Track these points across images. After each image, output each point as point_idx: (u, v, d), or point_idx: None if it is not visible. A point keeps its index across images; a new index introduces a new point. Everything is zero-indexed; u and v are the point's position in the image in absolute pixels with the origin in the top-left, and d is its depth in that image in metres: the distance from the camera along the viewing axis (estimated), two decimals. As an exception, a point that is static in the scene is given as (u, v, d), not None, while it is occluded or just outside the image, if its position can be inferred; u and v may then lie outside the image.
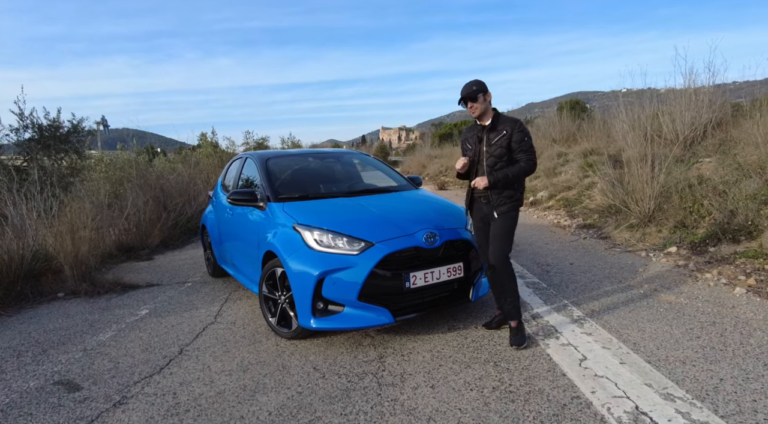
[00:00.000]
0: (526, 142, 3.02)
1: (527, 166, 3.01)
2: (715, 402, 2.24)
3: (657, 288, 4.12)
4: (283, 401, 2.52)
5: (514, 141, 3.00)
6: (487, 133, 3.08)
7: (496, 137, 3.03)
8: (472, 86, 3.05)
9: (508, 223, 3.07)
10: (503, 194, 3.05)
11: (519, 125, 3.04)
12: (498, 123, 3.07)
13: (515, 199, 3.08)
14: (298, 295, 3.09)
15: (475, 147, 3.15)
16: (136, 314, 4.22)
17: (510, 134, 3.01)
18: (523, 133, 3.02)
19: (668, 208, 6.18)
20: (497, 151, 3.03)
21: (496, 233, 3.06)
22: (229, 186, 4.96)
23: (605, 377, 2.55)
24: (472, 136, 3.20)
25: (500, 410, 2.29)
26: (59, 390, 2.81)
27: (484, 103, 3.06)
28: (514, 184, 3.06)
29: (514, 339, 3.03)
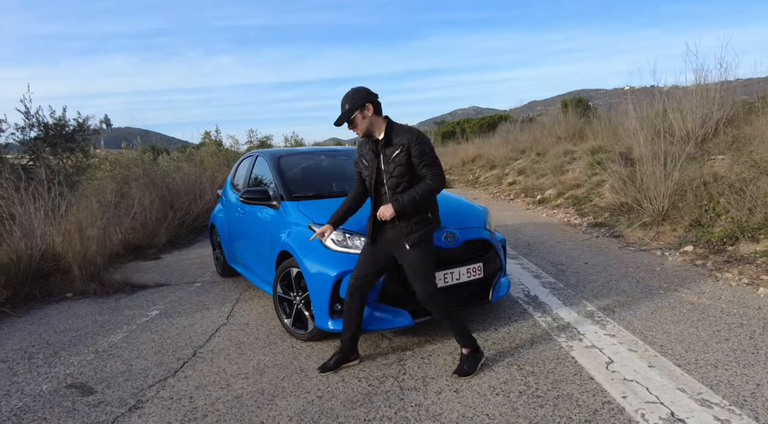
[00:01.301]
0: (429, 155, 2.55)
1: (435, 184, 2.56)
2: (754, 409, 2.16)
3: (677, 288, 4.03)
4: (303, 405, 2.45)
5: (414, 156, 2.53)
6: (383, 149, 2.61)
7: (393, 153, 2.56)
8: (344, 105, 2.59)
9: (425, 251, 2.63)
10: (412, 221, 2.60)
11: (417, 136, 2.56)
12: (393, 136, 2.59)
13: (427, 221, 2.65)
14: (315, 296, 3.02)
15: (371, 164, 2.67)
16: (146, 315, 4.16)
17: (408, 148, 2.53)
18: (424, 144, 2.55)
19: (683, 206, 6.08)
20: (397, 170, 2.55)
21: (414, 268, 2.64)
22: (239, 185, 4.89)
23: (635, 381, 2.47)
24: (367, 152, 2.71)
25: (529, 416, 2.22)
26: (73, 394, 2.75)
27: (366, 120, 2.59)
28: (424, 207, 2.63)
29: (461, 368, 2.67)
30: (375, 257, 2.75)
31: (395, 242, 2.68)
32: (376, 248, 2.76)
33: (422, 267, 2.64)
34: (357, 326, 2.83)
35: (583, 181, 10.60)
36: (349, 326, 2.82)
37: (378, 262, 2.75)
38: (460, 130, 40.44)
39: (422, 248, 2.62)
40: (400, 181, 2.57)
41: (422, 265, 2.64)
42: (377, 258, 2.75)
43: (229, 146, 19.11)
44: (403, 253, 2.66)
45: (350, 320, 2.81)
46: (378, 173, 2.64)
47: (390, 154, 2.58)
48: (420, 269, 2.64)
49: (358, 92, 2.60)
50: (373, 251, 2.77)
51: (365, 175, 2.74)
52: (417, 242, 2.61)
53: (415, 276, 2.65)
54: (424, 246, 2.64)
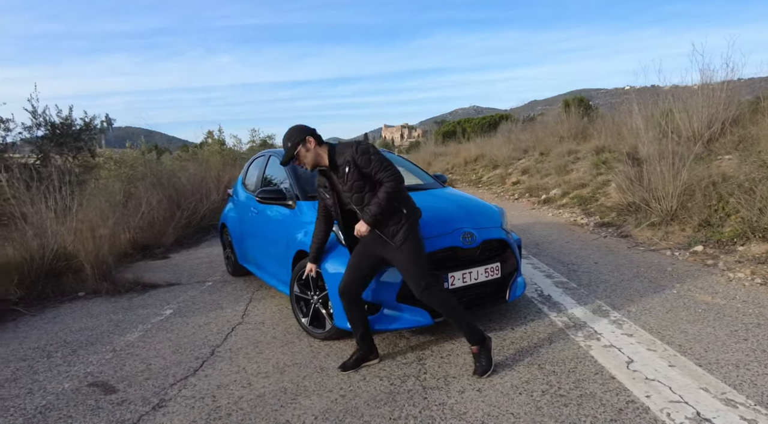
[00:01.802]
0: (376, 160, 2.60)
1: (393, 184, 2.58)
2: (780, 408, 2.18)
3: (690, 288, 4.04)
4: (327, 404, 2.46)
5: (362, 167, 2.60)
6: (334, 173, 2.72)
7: (344, 173, 2.64)
8: (286, 144, 2.70)
9: (414, 248, 2.64)
10: (390, 223, 2.64)
11: (356, 148, 2.63)
12: (336, 158, 2.67)
13: (405, 217, 2.66)
14: (335, 295, 3.02)
15: (332, 195, 2.78)
16: (160, 314, 4.17)
17: (354, 161, 2.60)
18: (366, 153, 2.61)
19: (692, 206, 6.09)
20: (354, 185, 2.62)
21: (407, 266, 2.65)
22: (252, 184, 4.90)
23: (656, 380, 2.48)
24: (322, 185, 2.82)
25: (554, 415, 2.23)
26: (95, 392, 2.76)
27: (310, 152, 2.68)
28: (394, 206, 2.65)
29: (478, 368, 2.66)
30: (366, 260, 2.79)
31: (383, 245, 2.70)
32: (367, 251, 2.78)
33: (414, 265, 2.64)
34: (364, 326, 2.86)
35: (588, 181, 10.60)
36: (356, 327, 2.86)
37: (370, 264, 2.79)
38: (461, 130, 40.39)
39: (411, 245, 2.64)
40: (363, 194, 2.64)
41: (414, 262, 2.64)
42: (369, 261, 2.78)
43: (232, 146, 19.13)
44: (393, 253, 2.68)
45: (354, 322, 2.85)
46: (340, 197, 2.74)
47: (341, 175, 2.65)
48: (412, 267, 2.65)
49: (296, 129, 2.72)
50: (364, 253, 2.79)
51: (329, 204, 2.83)
52: (404, 240, 2.63)
53: (409, 274, 2.67)
54: (413, 242, 2.65)
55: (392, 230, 2.64)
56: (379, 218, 2.61)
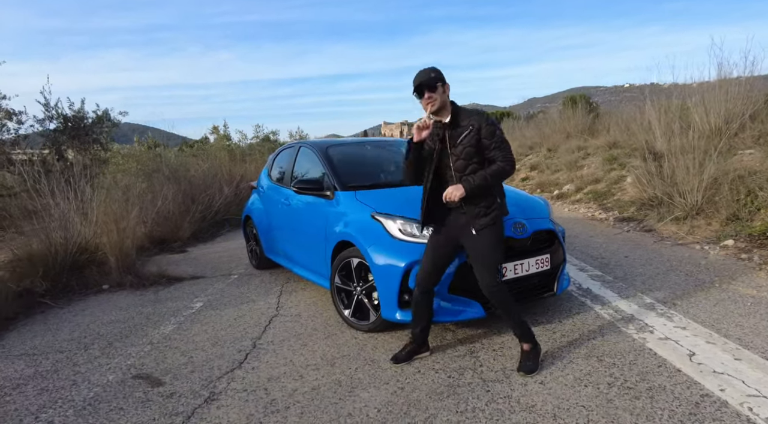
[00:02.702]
0: (499, 137, 2.49)
1: (506, 165, 2.47)
2: None
3: (730, 281, 3.98)
4: (386, 397, 2.39)
5: (484, 137, 2.46)
6: (449, 131, 2.52)
7: (462, 135, 2.48)
8: (430, 73, 2.49)
9: (493, 238, 2.54)
10: (481, 205, 2.52)
11: (486, 118, 2.52)
12: (461, 118, 2.52)
13: (496, 206, 2.56)
14: (383, 286, 2.95)
15: (437, 147, 2.54)
16: (191, 307, 4.09)
17: (478, 129, 2.47)
18: (494, 126, 2.50)
19: (719, 200, 6.03)
20: (465, 151, 2.48)
21: (482, 255, 2.53)
22: (280, 176, 4.82)
23: (726, 374, 2.42)
24: (431, 136, 2.55)
25: (628, 408, 2.16)
26: (141, 384, 2.69)
27: (443, 96, 2.51)
28: (493, 190, 2.56)
29: (525, 365, 2.57)
30: (442, 247, 2.65)
31: (462, 229, 2.58)
32: (442, 237, 2.65)
33: (490, 255, 2.53)
34: (428, 320, 2.77)
35: (601, 177, 10.52)
36: (420, 319, 2.75)
37: (446, 252, 2.66)
38: (463, 127, 40.21)
39: (491, 234, 2.52)
40: (469, 163, 2.49)
41: (491, 253, 2.53)
42: (445, 248, 2.65)
43: (237, 141, 19.02)
44: (471, 239, 2.55)
45: (420, 314, 2.74)
46: (442, 157, 2.54)
47: (457, 136, 2.49)
48: (488, 258, 2.53)
49: (441, 71, 2.53)
50: (439, 240, 2.66)
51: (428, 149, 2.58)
52: (484, 227, 2.51)
53: (482, 265, 2.54)
54: (494, 232, 2.54)
55: (480, 212, 2.52)
56: (476, 193, 2.46)
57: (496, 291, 2.53)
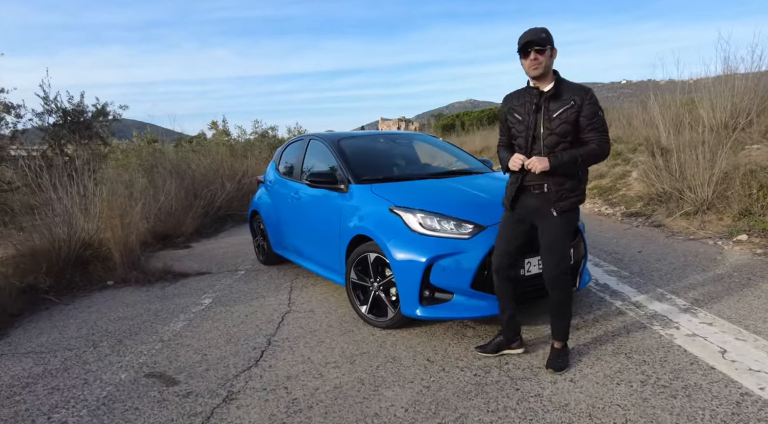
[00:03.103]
0: (600, 118, 2.33)
1: (601, 150, 2.33)
2: None
3: (750, 277, 3.92)
4: (412, 396, 2.31)
5: (584, 116, 2.29)
6: (547, 102, 2.34)
7: (561, 109, 2.31)
8: (540, 32, 2.29)
9: (569, 225, 2.44)
10: (565, 186, 2.37)
11: (591, 96, 2.32)
12: (562, 90, 2.33)
13: (579, 192, 2.43)
14: (403, 282, 2.87)
15: (528, 118, 2.37)
16: (200, 304, 4.00)
17: (580, 106, 2.29)
18: (596, 106, 2.32)
19: (731, 194, 5.97)
20: (561, 127, 2.31)
21: (554, 239, 2.42)
22: (290, 169, 4.72)
23: (763, 371, 2.35)
24: (523, 105, 2.41)
25: (666, 407, 2.09)
26: (155, 383, 2.60)
27: (551, 60, 2.33)
28: (579, 174, 2.42)
29: (556, 362, 2.49)
30: (517, 229, 2.55)
31: (538, 210, 2.44)
32: (517, 219, 2.54)
33: (561, 240, 2.42)
34: (512, 308, 2.64)
35: (605, 172, 10.46)
36: (505, 308, 2.64)
37: (520, 234, 2.55)
38: (460, 123, 40.23)
39: (567, 220, 2.42)
40: (561, 140, 2.33)
41: (563, 239, 2.43)
42: (519, 230, 2.54)
43: (236, 136, 18.87)
44: (547, 222, 2.42)
45: (503, 302, 2.63)
46: (534, 127, 2.36)
47: (555, 109, 2.32)
48: (558, 241, 2.42)
49: (550, 32, 2.33)
50: (514, 222, 2.55)
51: (518, 130, 2.43)
52: (565, 210, 2.38)
53: (550, 249, 2.42)
54: (570, 218, 2.43)
55: (563, 194, 2.37)
56: (560, 171, 2.33)
57: (558, 278, 2.43)
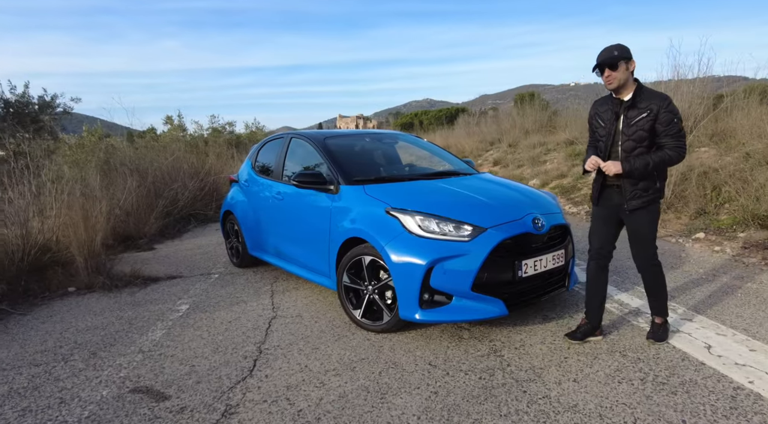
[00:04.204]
0: (676, 125, 2.50)
1: (674, 155, 2.51)
2: None
3: (715, 273, 4.16)
4: (422, 403, 2.28)
5: (660, 123, 2.49)
6: (626, 111, 2.58)
7: (638, 117, 2.53)
8: (612, 51, 2.52)
9: (647, 220, 2.65)
10: (638, 186, 2.60)
11: (668, 103, 2.51)
12: (640, 99, 2.55)
13: (653, 191, 2.62)
14: (402, 285, 2.82)
15: (609, 125, 2.63)
16: (176, 310, 3.79)
17: (656, 114, 2.49)
18: (673, 114, 2.50)
19: (688, 194, 6.34)
20: (637, 134, 2.53)
21: (635, 233, 2.71)
22: (267, 169, 4.55)
23: (749, 365, 2.48)
24: (606, 111, 2.67)
25: (670, 404, 2.16)
26: (143, 399, 2.42)
27: (626, 73, 2.53)
28: (654, 174, 2.60)
29: (656, 334, 2.81)
30: (608, 222, 2.80)
31: (618, 206, 2.71)
32: (606, 214, 2.79)
33: (642, 233, 2.69)
34: (603, 298, 2.86)
35: (566, 172, 10.85)
36: (595, 297, 2.85)
37: (612, 226, 2.81)
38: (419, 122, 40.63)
39: (647, 214, 2.65)
40: (638, 145, 2.56)
41: (642, 231, 2.68)
42: (610, 222, 2.80)
43: (193, 132, 18.16)
44: (627, 217, 2.70)
45: (594, 291, 2.85)
46: (614, 134, 2.63)
47: (633, 117, 2.56)
48: (638, 235, 2.70)
49: (627, 48, 2.55)
50: (605, 216, 2.81)
51: (600, 134, 2.72)
52: (636, 208, 2.63)
53: (636, 240, 2.72)
54: (647, 213, 2.65)
55: (636, 193, 2.61)
56: (634, 176, 2.57)
57: (649, 267, 2.74)
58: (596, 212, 2.87)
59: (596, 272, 2.84)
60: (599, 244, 2.83)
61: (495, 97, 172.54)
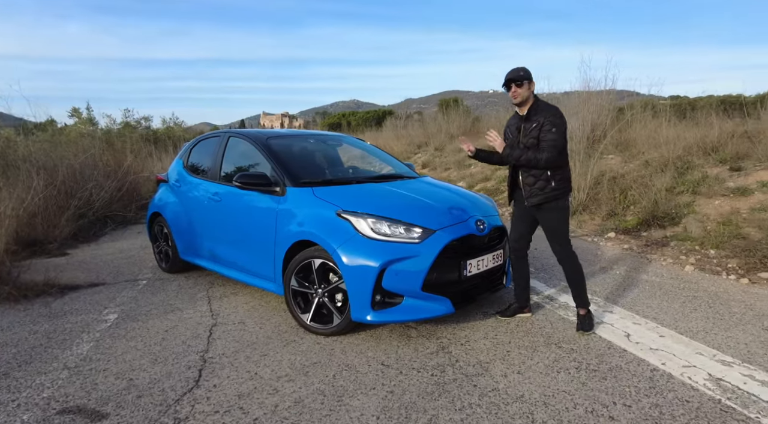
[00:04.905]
0: (552, 134, 2.86)
1: (542, 157, 2.88)
2: (763, 364, 2.62)
3: (627, 268, 4.64)
4: (379, 402, 2.32)
5: (541, 131, 2.91)
6: (523, 123, 3.05)
7: (531, 127, 2.98)
8: (519, 71, 2.97)
9: (555, 216, 3.04)
10: (535, 185, 3.01)
11: (551, 115, 2.91)
12: (534, 113, 2.99)
13: (550, 190, 2.98)
14: (354, 287, 2.84)
15: (514, 136, 3.13)
16: (104, 320, 3.50)
17: (541, 124, 2.91)
18: (552, 124, 2.88)
19: (601, 197, 6.98)
20: (530, 141, 2.98)
21: (547, 229, 3.12)
22: (202, 169, 4.34)
23: (661, 350, 2.81)
24: (513, 124, 3.20)
25: (602, 389, 2.40)
26: (75, 420, 2.22)
27: (528, 91, 2.97)
28: (545, 175, 2.96)
29: (585, 325, 3.08)
30: (522, 219, 3.23)
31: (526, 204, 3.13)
32: (519, 212, 3.25)
33: (556, 227, 3.08)
34: (526, 281, 3.37)
35: (489, 175, 11.45)
36: (521, 281, 3.35)
37: (525, 222, 3.22)
38: (346, 123, 40.68)
39: (555, 210, 3.04)
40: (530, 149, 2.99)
41: (556, 225, 3.08)
42: (524, 219, 3.22)
43: (104, 126, 16.76)
44: (537, 214, 3.12)
45: (520, 276, 3.33)
46: (518, 143, 3.09)
47: (528, 128, 3.02)
48: (552, 229, 3.10)
49: (529, 71, 3.01)
50: (519, 214, 3.25)
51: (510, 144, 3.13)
52: (536, 204, 3.05)
53: (550, 235, 3.12)
54: (553, 211, 3.04)
55: (533, 192, 3.03)
56: (509, 162, 3.10)
57: (566, 258, 3.11)
58: (514, 211, 3.33)
59: (516, 261, 3.32)
60: (515, 238, 3.29)
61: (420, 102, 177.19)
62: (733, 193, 5.91)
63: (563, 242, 3.10)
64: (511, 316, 3.37)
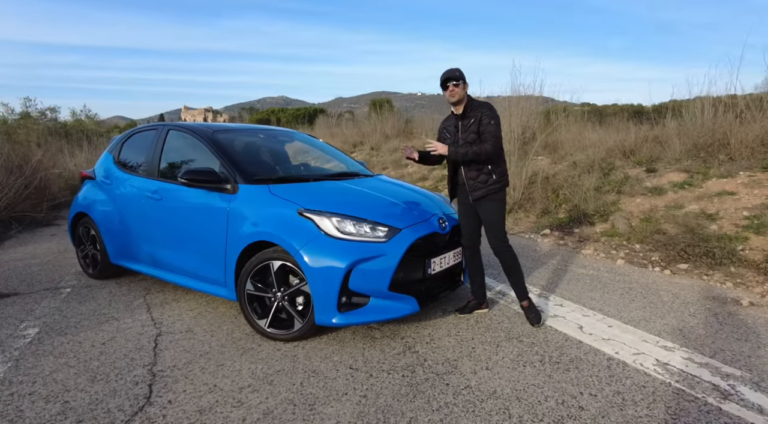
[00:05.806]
0: (492, 126, 3.04)
1: (488, 147, 3.01)
2: (697, 347, 2.87)
3: (566, 263, 4.91)
4: (354, 408, 2.23)
5: (481, 124, 3.06)
6: (461, 121, 3.16)
7: (469, 123, 3.11)
8: (456, 71, 3.10)
9: (494, 208, 3.15)
10: (477, 180, 3.14)
11: (487, 110, 3.09)
12: (470, 110, 3.13)
13: (492, 182, 3.12)
14: (319, 289, 2.72)
15: (453, 135, 3.22)
16: (22, 336, 3.08)
17: (479, 119, 3.07)
18: (489, 117, 3.06)
19: (536, 196, 7.35)
20: (470, 137, 3.10)
21: (485, 221, 3.21)
22: (137, 165, 3.97)
23: (612, 339, 2.99)
24: (449, 126, 3.28)
25: (568, 380, 2.48)
26: (6, 455, 1.91)
27: (464, 91, 3.12)
28: (487, 169, 3.11)
29: (533, 318, 3.20)
30: (468, 215, 3.29)
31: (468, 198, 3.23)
32: (464, 209, 3.30)
33: (493, 220, 3.17)
34: (482, 277, 3.44)
35: (427, 175, 11.68)
36: (476, 277, 3.41)
37: (471, 218, 3.28)
38: (276, 120, 39.66)
39: (492, 203, 3.14)
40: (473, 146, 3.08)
41: (493, 218, 3.17)
42: (470, 216, 3.28)
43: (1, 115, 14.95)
44: (478, 206, 3.19)
45: (475, 272, 3.40)
46: (457, 140, 3.17)
47: (466, 124, 3.13)
48: (487, 221, 3.20)
49: (462, 71, 3.12)
50: (464, 211, 3.30)
51: (448, 143, 3.19)
52: (479, 198, 3.15)
53: (488, 227, 3.20)
54: (491, 201, 3.14)
55: (476, 186, 3.15)
56: (455, 158, 3.11)
57: (502, 250, 3.20)
58: (459, 209, 3.38)
59: (470, 257, 3.38)
60: (466, 234, 3.34)
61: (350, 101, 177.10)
62: (650, 192, 6.47)
63: (500, 234, 3.20)
64: (470, 312, 3.44)
